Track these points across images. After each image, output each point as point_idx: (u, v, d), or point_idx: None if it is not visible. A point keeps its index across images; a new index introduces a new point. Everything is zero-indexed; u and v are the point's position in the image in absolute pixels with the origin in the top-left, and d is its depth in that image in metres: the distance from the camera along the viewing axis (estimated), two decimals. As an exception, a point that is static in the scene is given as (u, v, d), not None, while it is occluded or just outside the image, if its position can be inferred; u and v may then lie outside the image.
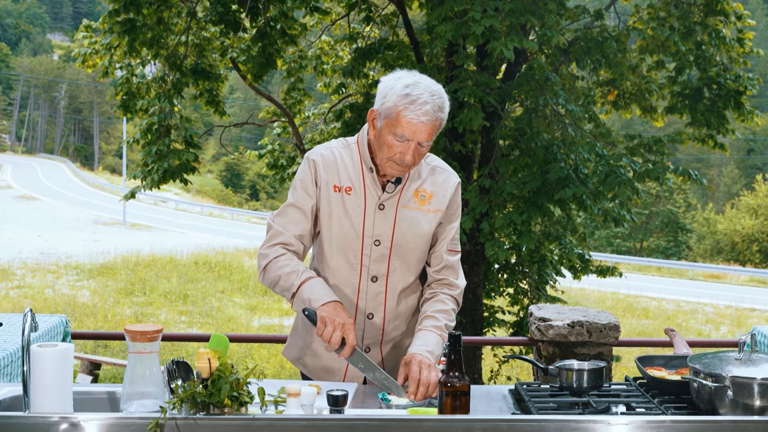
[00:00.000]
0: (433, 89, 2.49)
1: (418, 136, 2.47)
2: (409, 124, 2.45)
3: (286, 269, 2.56)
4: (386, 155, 2.52)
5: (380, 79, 2.60)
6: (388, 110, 2.48)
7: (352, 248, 2.61)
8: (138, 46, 8.89)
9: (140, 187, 9.44)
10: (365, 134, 2.64)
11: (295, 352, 2.79)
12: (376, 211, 2.60)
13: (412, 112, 2.44)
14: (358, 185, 2.60)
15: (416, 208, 2.63)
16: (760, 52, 10.05)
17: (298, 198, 2.62)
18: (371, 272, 2.63)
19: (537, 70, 8.21)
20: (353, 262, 2.62)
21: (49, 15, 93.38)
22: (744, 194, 42.05)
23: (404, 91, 2.46)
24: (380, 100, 2.51)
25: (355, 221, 2.59)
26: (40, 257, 25.23)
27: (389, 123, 2.48)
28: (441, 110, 2.49)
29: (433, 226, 2.66)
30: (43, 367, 2.07)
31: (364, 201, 2.59)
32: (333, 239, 2.61)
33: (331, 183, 2.60)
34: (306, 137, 10.95)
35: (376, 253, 2.61)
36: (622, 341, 4.22)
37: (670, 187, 10.60)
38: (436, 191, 2.66)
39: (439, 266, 2.71)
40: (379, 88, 2.55)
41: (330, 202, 2.60)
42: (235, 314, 19.08)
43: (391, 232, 2.61)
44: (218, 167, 61.00)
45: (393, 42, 9.54)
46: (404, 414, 2.20)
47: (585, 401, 2.33)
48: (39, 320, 2.90)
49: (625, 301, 22.75)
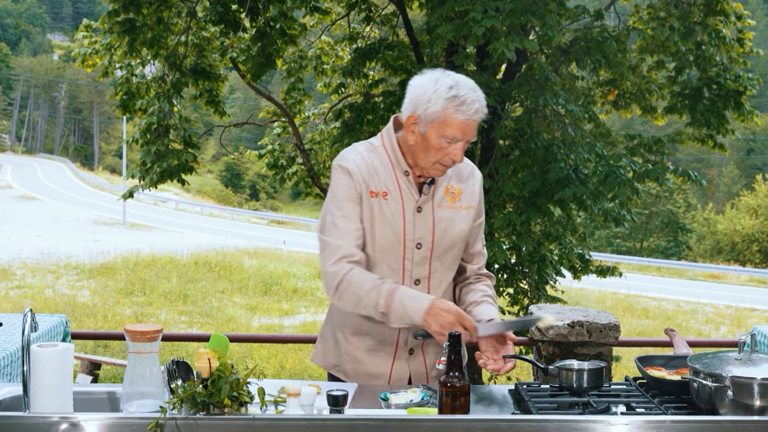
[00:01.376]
0: (473, 85, 2.51)
1: (468, 134, 2.49)
2: (462, 124, 2.46)
3: (365, 286, 2.49)
4: (434, 158, 2.52)
5: (410, 82, 2.56)
6: (436, 114, 2.46)
7: (394, 253, 2.59)
8: (138, 46, 8.89)
9: (139, 186, 9.45)
10: (392, 137, 2.61)
11: (331, 360, 2.74)
12: (414, 214, 2.59)
13: (463, 113, 2.45)
14: (393, 189, 2.58)
15: (449, 206, 2.63)
16: (760, 52, 10.05)
17: (343, 208, 2.57)
18: (414, 275, 2.62)
19: (537, 70, 8.21)
20: (395, 267, 2.60)
21: (49, 15, 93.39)
22: (744, 194, 42.06)
23: (450, 93, 2.45)
24: (422, 105, 2.48)
25: (395, 226, 2.57)
26: (40, 257, 25.23)
27: (437, 126, 2.47)
28: (484, 105, 2.51)
29: (468, 224, 2.67)
30: (43, 367, 2.07)
31: (402, 205, 2.58)
32: (375, 245, 2.58)
33: (368, 189, 2.58)
34: (306, 137, 10.96)
35: (418, 257, 2.61)
36: (622, 341, 4.22)
37: (669, 187, 10.61)
38: (464, 187, 2.67)
39: (480, 263, 2.77)
40: (415, 93, 2.51)
41: (370, 209, 2.57)
42: (235, 314, 19.09)
43: (431, 235, 2.60)
44: (218, 167, 61.02)
45: (393, 42, 9.53)
46: (404, 414, 2.20)
47: (585, 401, 2.33)
48: (39, 320, 2.90)
49: (625, 301, 22.75)
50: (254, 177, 56.10)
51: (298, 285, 22.73)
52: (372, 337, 2.65)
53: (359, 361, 2.69)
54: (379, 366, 2.67)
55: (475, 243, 2.75)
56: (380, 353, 2.66)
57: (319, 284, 23.04)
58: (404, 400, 2.36)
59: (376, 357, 2.66)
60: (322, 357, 2.79)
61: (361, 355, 2.68)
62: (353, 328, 2.67)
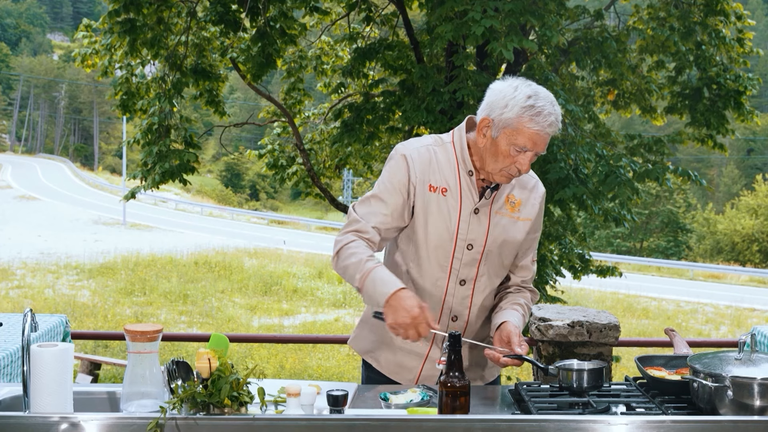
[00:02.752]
0: (551, 98, 2.48)
1: (539, 146, 2.47)
2: (534, 135, 2.44)
3: (351, 259, 2.50)
4: (501, 165, 2.50)
5: (491, 86, 2.55)
6: (509, 120, 2.45)
7: (445, 250, 2.58)
8: (138, 46, 8.89)
9: (140, 187, 9.45)
10: (463, 135, 2.60)
11: (366, 345, 2.75)
12: (471, 215, 2.57)
13: (537, 123, 2.43)
14: (454, 187, 2.57)
15: (508, 215, 2.62)
16: (760, 52, 10.05)
17: (383, 190, 2.57)
18: (460, 275, 2.61)
19: (537, 70, 8.21)
20: (444, 264, 2.59)
21: (49, 15, 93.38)
22: (744, 194, 42.05)
23: (528, 102, 2.43)
24: (498, 110, 2.47)
25: (450, 224, 2.56)
26: (40, 257, 25.24)
27: (509, 133, 2.46)
28: (559, 120, 2.49)
29: (523, 235, 2.65)
30: (43, 367, 2.07)
31: (460, 204, 2.57)
32: (427, 240, 2.58)
33: (427, 182, 2.56)
34: (306, 137, 10.96)
35: (468, 258, 2.60)
36: (622, 341, 4.22)
37: (669, 187, 10.60)
38: (525, 199, 2.66)
39: (528, 277, 2.76)
40: (493, 97, 2.50)
41: (426, 202, 2.56)
42: (235, 314, 19.09)
43: (484, 238, 2.59)
44: (218, 167, 61.01)
45: (393, 42, 9.53)
46: (404, 414, 2.20)
47: (585, 401, 2.33)
48: (39, 320, 2.90)
49: (625, 301, 22.75)
50: (254, 177, 56.10)
51: (298, 285, 22.73)
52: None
53: (394, 350, 2.68)
54: (411, 360, 2.67)
55: (526, 256, 2.74)
56: (414, 348, 2.66)
57: (319, 284, 23.07)
58: (404, 400, 2.36)
59: (410, 352, 2.65)
60: (359, 342, 2.78)
61: (397, 342, 2.66)
62: None
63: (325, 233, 36.29)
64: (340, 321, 19.17)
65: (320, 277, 23.90)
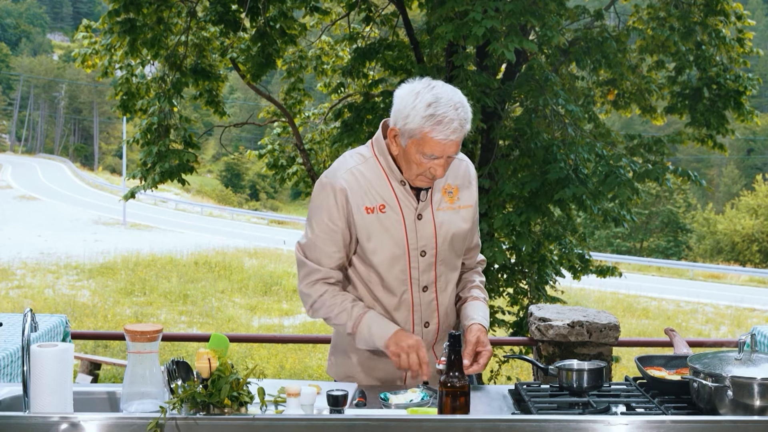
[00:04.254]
0: (455, 101, 2.41)
1: (447, 152, 2.43)
2: (438, 144, 2.39)
3: (335, 309, 2.55)
4: (416, 171, 2.47)
5: (394, 93, 2.51)
6: (413, 131, 2.41)
7: (400, 264, 2.56)
8: (139, 46, 8.89)
9: (139, 187, 9.45)
10: (383, 146, 2.55)
11: (343, 371, 2.73)
12: (415, 222, 2.55)
13: (440, 132, 2.38)
14: (391, 200, 2.53)
15: (449, 207, 2.59)
16: (760, 52, 10.05)
17: (324, 230, 2.54)
18: (421, 283, 2.60)
19: (537, 70, 8.21)
20: (402, 278, 2.58)
21: (49, 15, 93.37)
22: (744, 194, 42.05)
23: (427, 111, 2.37)
24: (401, 120, 2.43)
25: (397, 238, 2.53)
26: (40, 257, 25.23)
27: (416, 143, 2.42)
28: (467, 122, 2.43)
29: (469, 223, 2.64)
30: (43, 367, 2.07)
31: (402, 215, 2.54)
32: (378, 260, 2.55)
33: (362, 206, 2.52)
34: (306, 137, 10.96)
35: (424, 264, 2.58)
36: (622, 341, 4.22)
37: (669, 187, 10.61)
38: (461, 185, 2.63)
39: (476, 254, 2.79)
40: (397, 105, 2.46)
41: (366, 225, 2.53)
42: (235, 314, 19.08)
43: (434, 240, 2.57)
44: (218, 167, 61.00)
45: (393, 42, 9.53)
46: (404, 414, 2.20)
47: (585, 401, 2.33)
48: (39, 320, 2.90)
49: (625, 301, 22.74)
50: (254, 177, 56.08)
51: (298, 285, 22.68)
52: None
53: (372, 368, 2.68)
54: (392, 372, 2.66)
55: (472, 238, 2.73)
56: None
57: (319, 284, 23.05)
58: (404, 400, 2.36)
59: (388, 362, 2.62)
60: (335, 369, 2.77)
61: (374, 362, 2.66)
62: None
63: (325, 233, 36.19)
64: (340, 321, 19.12)
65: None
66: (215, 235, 31.58)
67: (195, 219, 37.77)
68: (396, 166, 2.54)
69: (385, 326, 2.52)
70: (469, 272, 2.78)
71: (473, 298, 2.71)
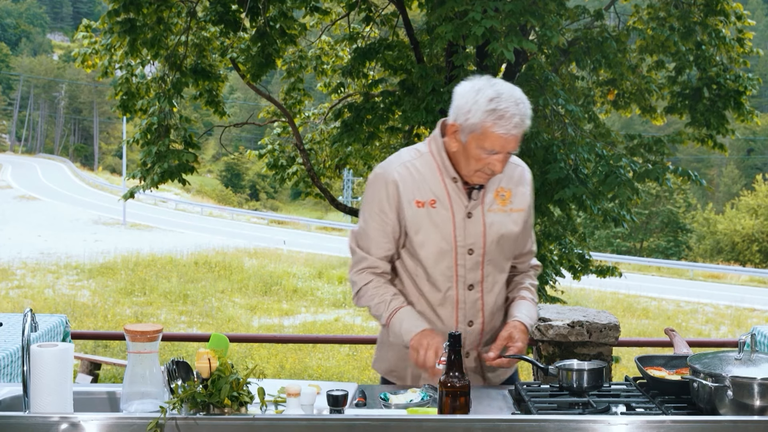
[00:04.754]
0: (516, 97, 2.45)
1: (508, 147, 2.46)
2: (500, 138, 2.43)
3: (375, 299, 2.59)
4: (474, 167, 2.50)
5: (455, 89, 2.54)
6: (474, 126, 2.44)
7: (447, 260, 2.58)
8: (139, 46, 8.89)
9: (139, 186, 9.45)
10: (439, 143, 2.59)
11: (387, 365, 2.76)
12: (464, 220, 2.57)
13: (501, 127, 2.42)
14: (442, 196, 2.56)
15: (500, 209, 2.61)
16: (760, 52, 10.05)
17: (377, 220, 2.59)
18: (467, 281, 2.61)
19: (537, 70, 8.21)
20: (448, 274, 2.59)
21: (49, 15, 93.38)
22: (744, 194, 42.06)
23: (489, 106, 2.41)
24: (462, 115, 2.46)
25: (445, 233, 2.56)
26: (40, 257, 25.24)
27: (476, 137, 2.45)
28: (527, 117, 2.47)
29: (519, 226, 2.65)
30: (43, 367, 2.07)
31: (452, 212, 2.56)
32: (425, 254, 2.58)
33: (413, 199, 2.56)
34: (306, 137, 10.96)
35: (471, 262, 2.59)
36: (622, 341, 4.22)
37: (669, 187, 10.61)
38: (515, 190, 2.65)
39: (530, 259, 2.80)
40: (457, 102, 2.50)
41: (416, 219, 2.56)
42: (235, 314, 19.09)
43: (482, 240, 2.59)
44: (218, 167, 61.02)
45: (393, 42, 9.53)
46: (404, 414, 2.20)
47: (585, 401, 2.33)
48: (39, 320, 2.89)
49: (625, 301, 22.75)
50: (254, 177, 56.11)
51: (298, 285, 22.73)
52: None
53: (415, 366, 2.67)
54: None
55: (525, 243, 2.74)
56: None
57: (319, 284, 23.09)
58: (404, 400, 2.36)
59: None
60: (380, 363, 2.79)
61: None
62: None
63: (325, 233, 36.30)
64: (340, 321, 19.17)
65: (320, 277, 23.91)
66: (215, 235, 31.60)
67: (195, 219, 37.79)
68: (450, 163, 2.57)
69: (416, 323, 2.53)
70: (520, 275, 2.79)
71: (520, 298, 2.72)
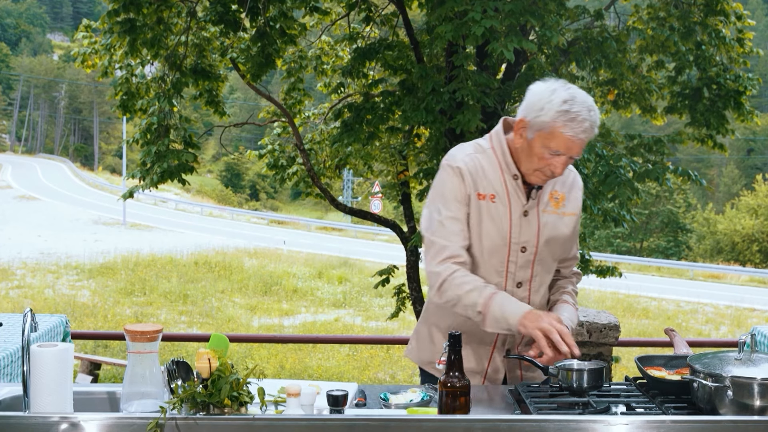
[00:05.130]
0: (589, 104, 2.48)
1: (572, 151, 2.49)
2: (567, 140, 2.46)
3: (465, 287, 2.52)
4: (535, 166, 2.53)
5: (530, 87, 2.57)
6: (544, 124, 2.47)
7: (499, 256, 2.60)
8: (139, 46, 8.88)
9: (139, 186, 9.44)
10: (502, 139, 2.64)
11: (426, 356, 2.77)
12: (521, 218, 2.60)
13: (571, 129, 2.45)
14: (501, 192, 2.59)
15: (553, 211, 2.65)
16: (760, 52, 10.04)
17: (453, 209, 2.59)
18: (516, 278, 2.64)
19: (537, 70, 8.20)
20: (499, 270, 2.62)
21: (49, 15, 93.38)
22: (744, 194, 42.07)
23: (563, 107, 2.45)
24: (534, 112, 2.49)
25: (502, 229, 2.58)
26: (40, 257, 25.25)
27: (543, 136, 2.48)
28: (596, 125, 2.50)
29: (570, 230, 2.69)
30: (43, 367, 2.07)
31: (509, 208, 2.59)
32: (481, 247, 2.60)
33: (476, 191, 2.59)
34: (306, 137, 10.95)
35: (522, 260, 2.62)
36: (622, 341, 4.22)
37: (669, 187, 10.61)
38: (567, 193, 2.69)
39: (574, 264, 2.83)
40: (530, 98, 2.53)
41: (477, 211, 2.59)
42: (235, 314, 19.09)
43: (536, 239, 2.61)
44: (218, 167, 61.04)
45: (393, 42, 9.52)
46: (404, 414, 2.20)
47: (585, 401, 2.33)
48: (39, 320, 2.90)
49: (625, 301, 22.76)
50: (254, 177, 56.13)
51: (298, 285, 22.73)
52: (470, 336, 2.64)
53: None
54: (475, 365, 2.68)
55: (572, 248, 2.77)
56: (478, 351, 2.67)
57: (319, 284, 23.07)
58: (404, 400, 2.36)
59: (473, 355, 2.66)
60: (417, 353, 2.81)
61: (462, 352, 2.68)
62: (449, 326, 2.68)
63: (325, 233, 36.30)
64: (340, 321, 19.17)
65: (320, 277, 23.91)
66: (215, 235, 31.60)
67: (195, 219, 37.79)
68: (513, 161, 2.59)
69: (519, 305, 2.50)
70: (563, 280, 2.83)
71: (563, 301, 2.75)
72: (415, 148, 10.13)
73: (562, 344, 2.37)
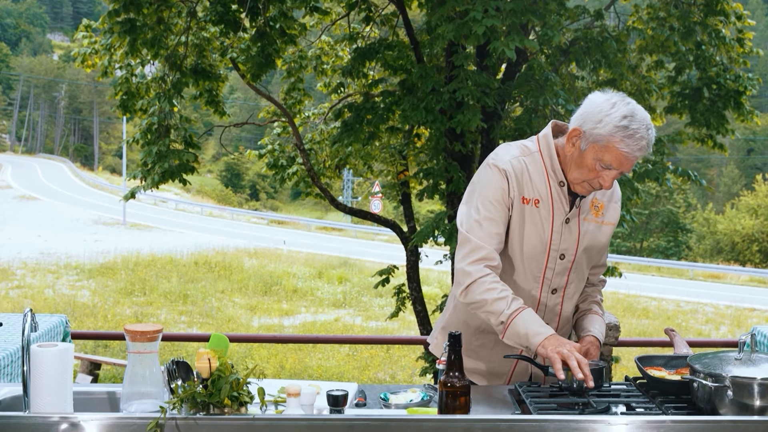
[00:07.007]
0: (648, 122, 2.45)
1: (624, 166, 2.46)
2: (622, 156, 2.42)
3: (494, 293, 2.48)
4: (584, 177, 2.50)
5: (589, 97, 2.54)
6: (600, 137, 2.43)
7: (538, 261, 2.59)
8: (139, 46, 8.88)
9: (140, 187, 9.44)
10: (551, 144, 2.59)
11: None
12: (563, 225, 2.58)
13: (627, 146, 2.41)
14: (546, 198, 2.57)
15: (593, 220, 2.63)
16: (760, 52, 10.04)
17: (490, 209, 2.55)
18: (552, 285, 2.63)
19: (537, 70, 8.20)
20: (537, 275, 2.60)
21: (49, 15, 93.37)
22: (744, 194, 42.07)
23: (622, 122, 2.41)
24: (591, 123, 2.45)
25: (543, 235, 2.57)
26: (40, 257, 25.25)
27: (598, 148, 2.45)
28: (651, 144, 2.46)
29: (607, 239, 2.69)
30: (43, 367, 2.07)
31: (552, 215, 2.57)
32: (521, 252, 2.58)
33: (521, 195, 2.56)
34: (306, 137, 10.95)
35: (560, 267, 2.61)
36: (622, 341, 4.22)
37: (669, 187, 10.61)
38: (608, 204, 2.68)
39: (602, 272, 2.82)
40: (588, 108, 2.49)
41: (521, 215, 2.56)
42: (235, 314, 19.10)
43: (575, 247, 2.60)
44: (218, 167, 61.03)
45: (393, 42, 9.52)
46: (404, 414, 2.20)
47: (585, 401, 2.33)
48: (39, 320, 2.90)
49: (625, 301, 22.76)
50: (254, 177, 56.12)
51: (298, 285, 22.74)
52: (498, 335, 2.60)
53: (482, 358, 2.69)
54: (501, 365, 2.68)
55: (603, 255, 2.77)
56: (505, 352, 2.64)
57: (319, 284, 23.07)
58: (404, 400, 2.36)
59: (499, 356, 2.64)
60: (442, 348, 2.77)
61: (486, 353, 2.68)
62: (479, 325, 2.67)
63: (325, 233, 36.30)
64: (340, 321, 19.17)
65: (320, 277, 23.92)
66: (215, 235, 31.60)
67: (195, 219, 37.79)
68: (560, 168, 2.57)
69: (544, 326, 2.46)
70: (591, 287, 2.82)
71: (593, 312, 2.75)
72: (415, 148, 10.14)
73: (578, 371, 2.33)
